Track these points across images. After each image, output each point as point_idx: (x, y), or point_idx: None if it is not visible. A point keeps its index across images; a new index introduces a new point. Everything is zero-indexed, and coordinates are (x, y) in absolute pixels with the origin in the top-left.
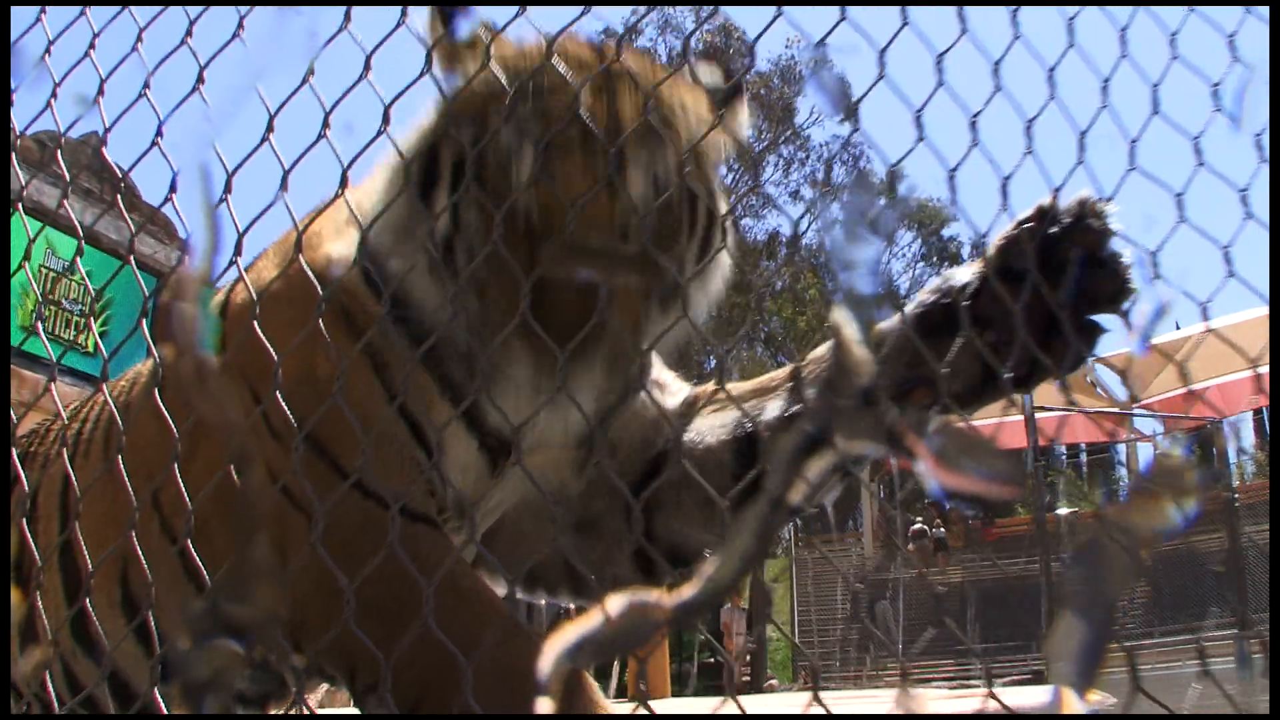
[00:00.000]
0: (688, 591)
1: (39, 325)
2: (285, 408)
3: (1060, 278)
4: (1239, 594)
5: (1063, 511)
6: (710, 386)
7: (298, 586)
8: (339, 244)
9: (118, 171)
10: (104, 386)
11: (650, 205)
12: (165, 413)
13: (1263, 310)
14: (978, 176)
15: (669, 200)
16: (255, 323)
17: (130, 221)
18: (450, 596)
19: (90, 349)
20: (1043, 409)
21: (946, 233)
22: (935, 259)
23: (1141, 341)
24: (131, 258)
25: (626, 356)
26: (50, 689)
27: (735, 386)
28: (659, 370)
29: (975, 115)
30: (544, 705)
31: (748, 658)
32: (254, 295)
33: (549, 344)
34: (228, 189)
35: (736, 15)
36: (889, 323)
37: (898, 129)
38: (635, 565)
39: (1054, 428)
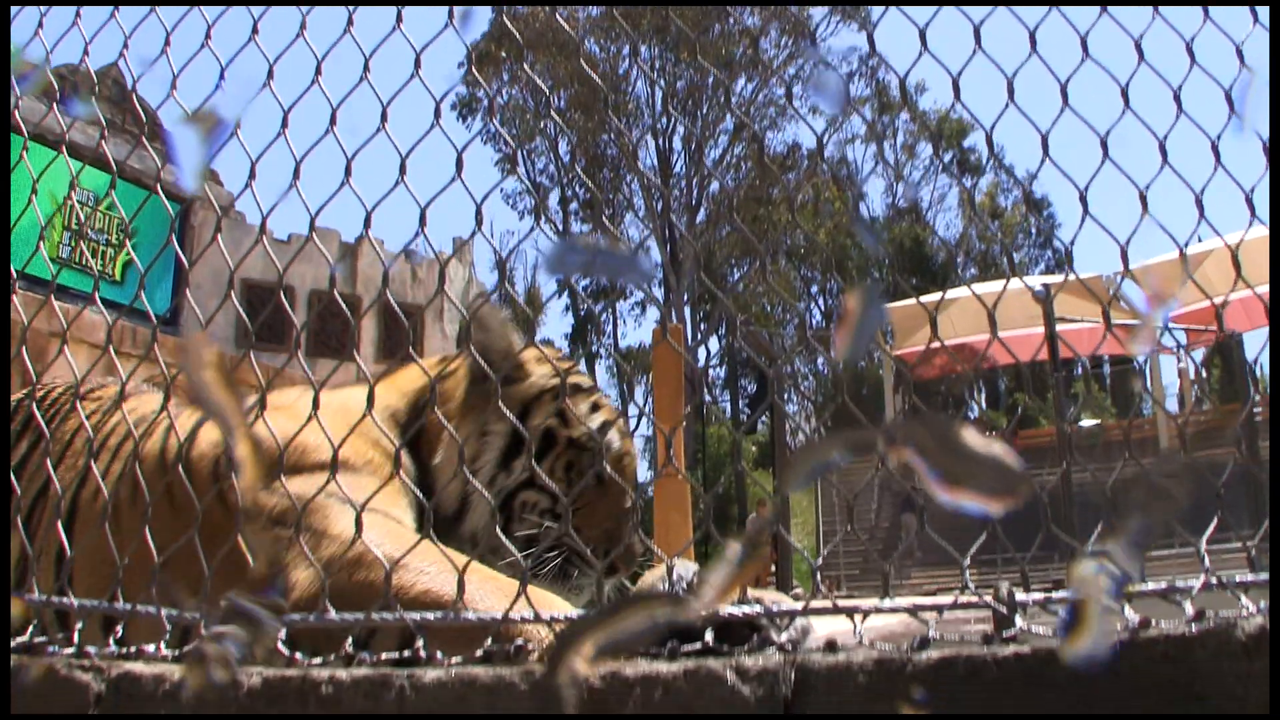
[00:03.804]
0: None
1: (83, 252)
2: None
3: None
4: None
5: (1086, 423)
6: None
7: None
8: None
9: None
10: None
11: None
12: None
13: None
14: (991, 87)
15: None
16: None
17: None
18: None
19: (118, 277)
20: (1064, 320)
21: (966, 143)
22: (955, 170)
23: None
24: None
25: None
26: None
27: None
28: None
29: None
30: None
31: (773, 568)
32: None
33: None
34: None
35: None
36: None
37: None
38: None
39: (1081, 340)
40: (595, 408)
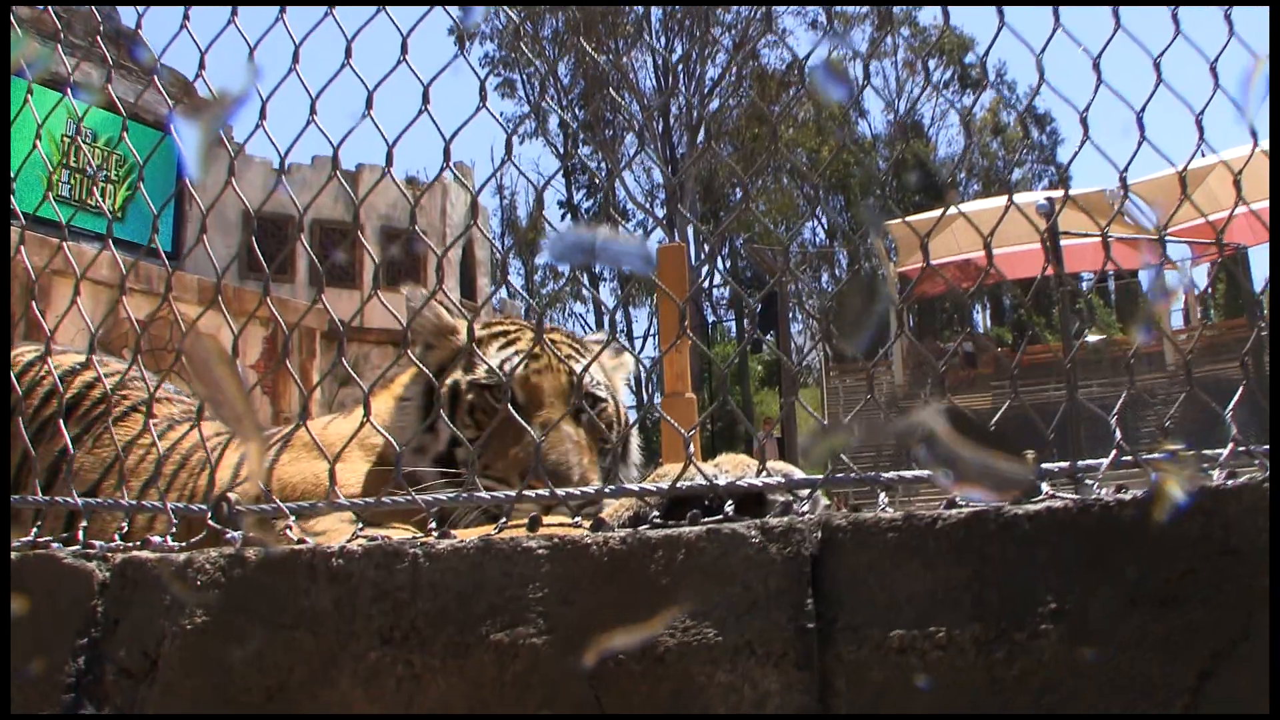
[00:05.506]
0: None
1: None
2: None
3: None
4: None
5: (1092, 339)
6: None
7: None
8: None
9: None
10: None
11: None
12: None
13: None
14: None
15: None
16: None
17: (148, 86)
18: None
19: (120, 213)
20: (1068, 234)
21: (968, 59)
22: (958, 87)
23: None
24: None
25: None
26: None
27: None
28: None
29: None
30: None
31: None
32: None
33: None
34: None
35: None
36: None
37: None
38: None
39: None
40: (509, 344)
